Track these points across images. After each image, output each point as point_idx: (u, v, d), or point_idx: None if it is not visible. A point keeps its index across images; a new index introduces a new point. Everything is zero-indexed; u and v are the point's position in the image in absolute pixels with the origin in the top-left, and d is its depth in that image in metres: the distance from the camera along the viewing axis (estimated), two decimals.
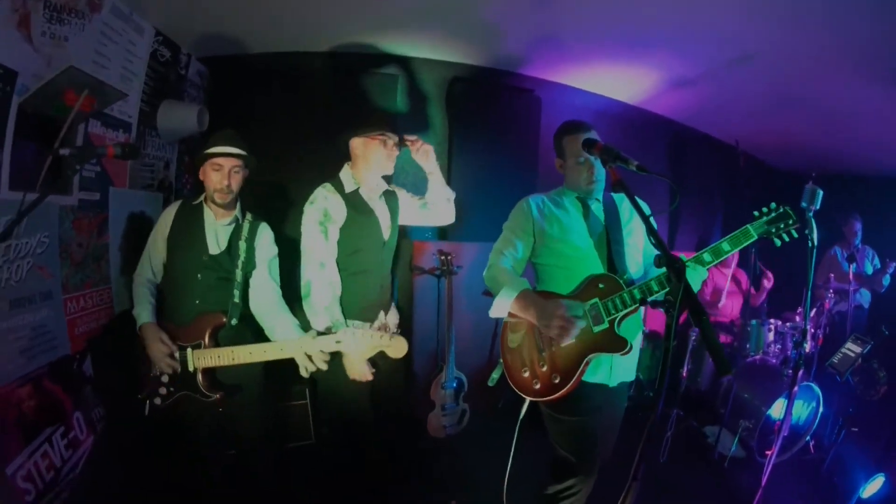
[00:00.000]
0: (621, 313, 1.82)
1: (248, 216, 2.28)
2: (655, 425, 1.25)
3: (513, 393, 2.00)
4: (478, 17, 2.89)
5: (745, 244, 1.74)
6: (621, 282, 1.85)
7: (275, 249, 2.31)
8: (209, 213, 2.21)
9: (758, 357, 3.63)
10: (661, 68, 3.34)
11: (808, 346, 3.49)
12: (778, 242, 1.76)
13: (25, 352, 2.00)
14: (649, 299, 1.76)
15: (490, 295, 1.99)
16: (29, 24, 1.87)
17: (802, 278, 4.04)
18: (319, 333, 2.03)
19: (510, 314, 1.97)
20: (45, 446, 2.05)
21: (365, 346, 1.94)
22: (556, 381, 1.84)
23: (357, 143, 2.30)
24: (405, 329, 3.61)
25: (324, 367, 1.99)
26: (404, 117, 3.62)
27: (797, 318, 3.74)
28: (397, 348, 1.97)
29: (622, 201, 2.08)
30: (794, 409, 3.05)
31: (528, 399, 1.96)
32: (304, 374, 2.01)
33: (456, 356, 3.37)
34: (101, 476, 2.31)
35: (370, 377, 2.16)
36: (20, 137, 1.91)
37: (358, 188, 2.30)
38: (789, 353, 3.57)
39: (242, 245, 2.19)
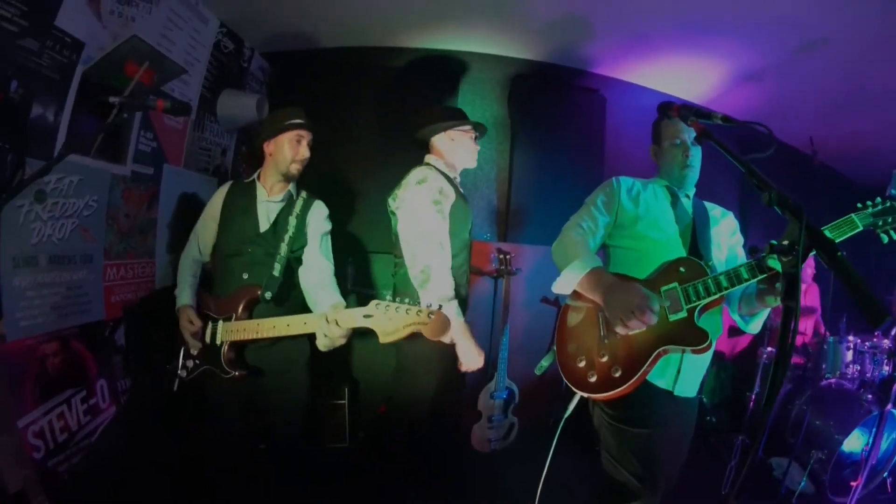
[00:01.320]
0: (703, 301, 1.48)
1: (303, 194, 2.08)
2: (764, 432, 0.93)
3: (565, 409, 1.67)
4: (540, 10, 2.75)
5: (849, 235, 1.47)
6: (706, 267, 1.54)
7: (328, 226, 2.08)
8: (262, 191, 2.03)
9: (833, 380, 3.09)
10: (728, 59, 3.06)
11: (888, 367, 2.97)
12: (885, 238, 1.49)
13: (57, 308, 1.85)
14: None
15: (548, 302, 1.71)
16: (99, 2, 1.92)
17: (880, 293, 3.55)
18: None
19: (574, 293, 1.65)
20: (63, 407, 1.88)
21: (398, 323, 1.54)
22: (617, 374, 1.49)
23: (450, 135, 2.11)
24: None
25: (340, 341, 1.66)
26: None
27: (874, 339, 3.18)
28: (435, 327, 1.52)
29: (712, 209, 1.84)
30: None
31: (577, 394, 1.60)
32: (320, 346, 1.69)
33: (508, 365, 2.98)
34: (118, 448, 2.10)
35: (481, 363, 1.89)
36: (80, 104, 1.91)
37: (455, 177, 2.11)
38: (868, 375, 3.02)
39: (293, 221, 1.98)
